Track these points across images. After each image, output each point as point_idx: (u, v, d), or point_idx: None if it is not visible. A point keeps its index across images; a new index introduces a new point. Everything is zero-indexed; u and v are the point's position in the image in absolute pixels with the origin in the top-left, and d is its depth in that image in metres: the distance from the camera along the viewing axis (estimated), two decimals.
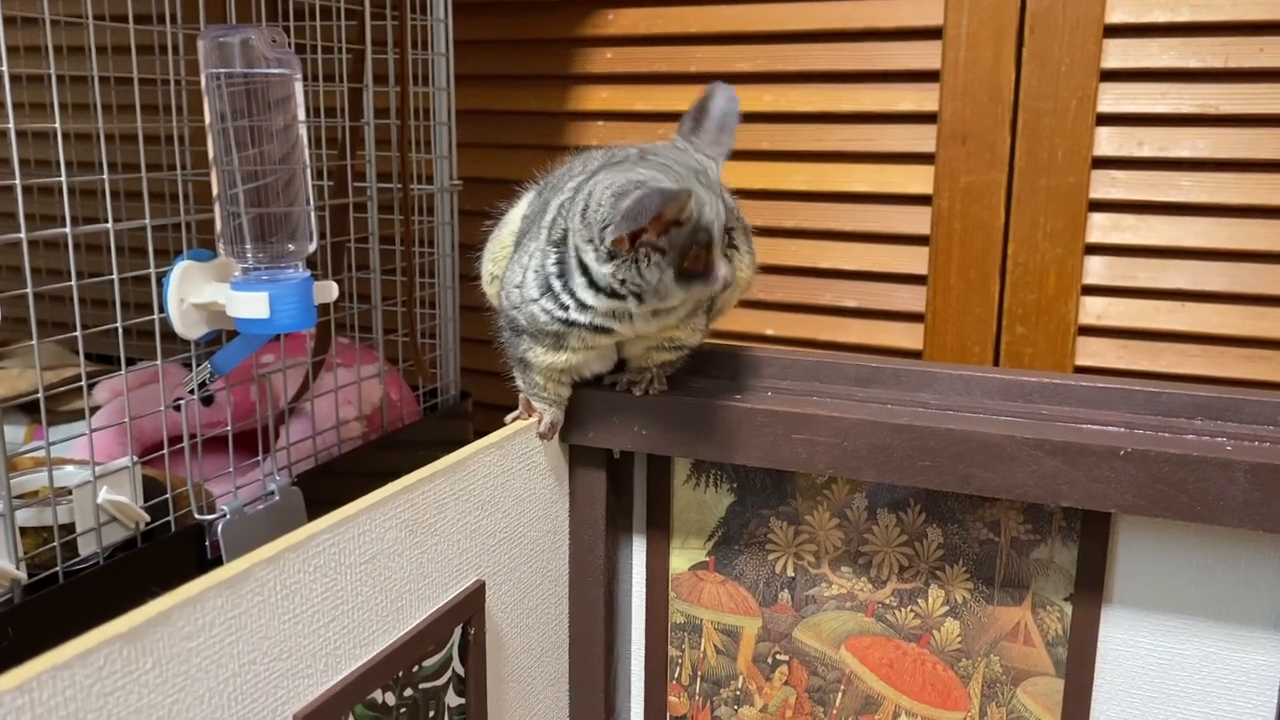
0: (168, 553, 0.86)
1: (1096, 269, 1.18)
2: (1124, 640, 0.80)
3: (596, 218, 0.72)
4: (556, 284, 0.75)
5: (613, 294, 0.74)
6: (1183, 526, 0.76)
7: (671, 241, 0.70)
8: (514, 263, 0.80)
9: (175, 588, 0.54)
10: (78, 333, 0.79)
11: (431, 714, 0.73)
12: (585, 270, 0.74)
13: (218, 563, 0.87)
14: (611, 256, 0.71)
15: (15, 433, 1.16)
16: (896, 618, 0.86)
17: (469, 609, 0.75)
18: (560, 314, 0.76)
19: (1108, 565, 0.79)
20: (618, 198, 0.70)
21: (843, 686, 0.89)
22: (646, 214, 0.67)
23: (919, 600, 0.85)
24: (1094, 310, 1.18)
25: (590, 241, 0.72)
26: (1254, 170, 1.11)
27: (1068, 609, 0.81)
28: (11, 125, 0.73)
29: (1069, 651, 0.81)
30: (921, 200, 1.23)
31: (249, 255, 0.82)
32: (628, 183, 0.71)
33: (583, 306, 0.75)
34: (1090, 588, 0.80)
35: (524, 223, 0.85)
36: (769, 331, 1.32)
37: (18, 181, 0.73)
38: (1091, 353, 1.19)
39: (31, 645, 0.48)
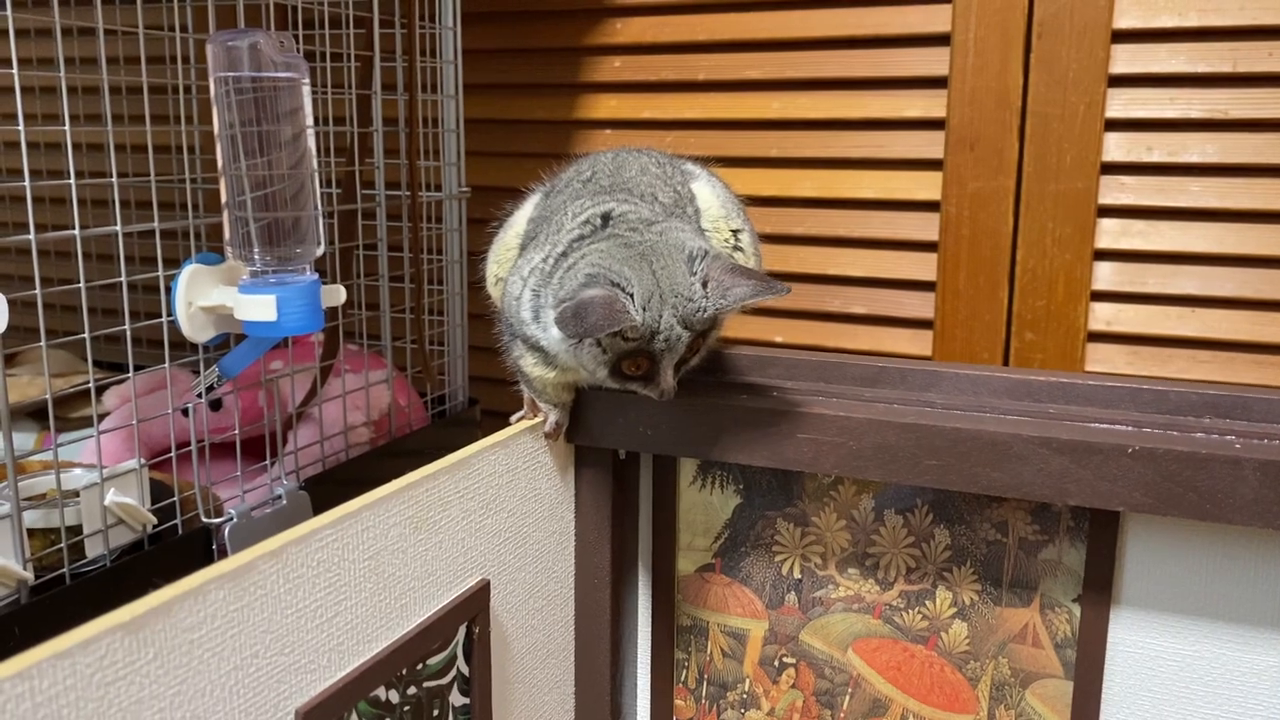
0: (174, 555, 0.86)
1: (1106, 275, 1.17)
2: (1133, 642, 0.79)
3: (562, 290, 0.73)
4: (543, 316, 0.76)
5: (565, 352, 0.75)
6: (1192, 525, 0.76)
7: (611, 344, 0.72)
8: (516, 271, 0.80)
9: None
10: (86, 335, 0.80)
11: (436, 713, 0.73)
12: (546, 328, 0.75)
13: None
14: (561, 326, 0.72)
15: (25, 440, 1.17)
16: (904, 619, 0.86)
17: (473, 608, 0.75)
18: (545, 343, 0.77)
19: (1116, 566, 0.79)
20: (584, 285, 0.71)
21: (850, 689, 0.88)
22: (585, 328, 0.69)
23: (926, 602, 0.85)
24: (1104, 316, 1.18)
25: (554, 309, 0.73)
26: (1263, 175, 1.11)
27: (1076, 610, 0.81)
28: (22, 130, 0.74)
29: (1078, 653, 0.81)
30: (930, 206, 1.23)
31: (256, 259, 0.83)
32: (599, 274, 0.71)
33: (557, 348, 0.76)
34: (1099, 588, 0.79)
35: (530, 225, 0.86)
36: (777, 338, 1.32)
37: (26, 183, 0.74)
38: (1101, 359, 1.18)
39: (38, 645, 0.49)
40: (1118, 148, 1.14)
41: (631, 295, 0.70)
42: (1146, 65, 1.12)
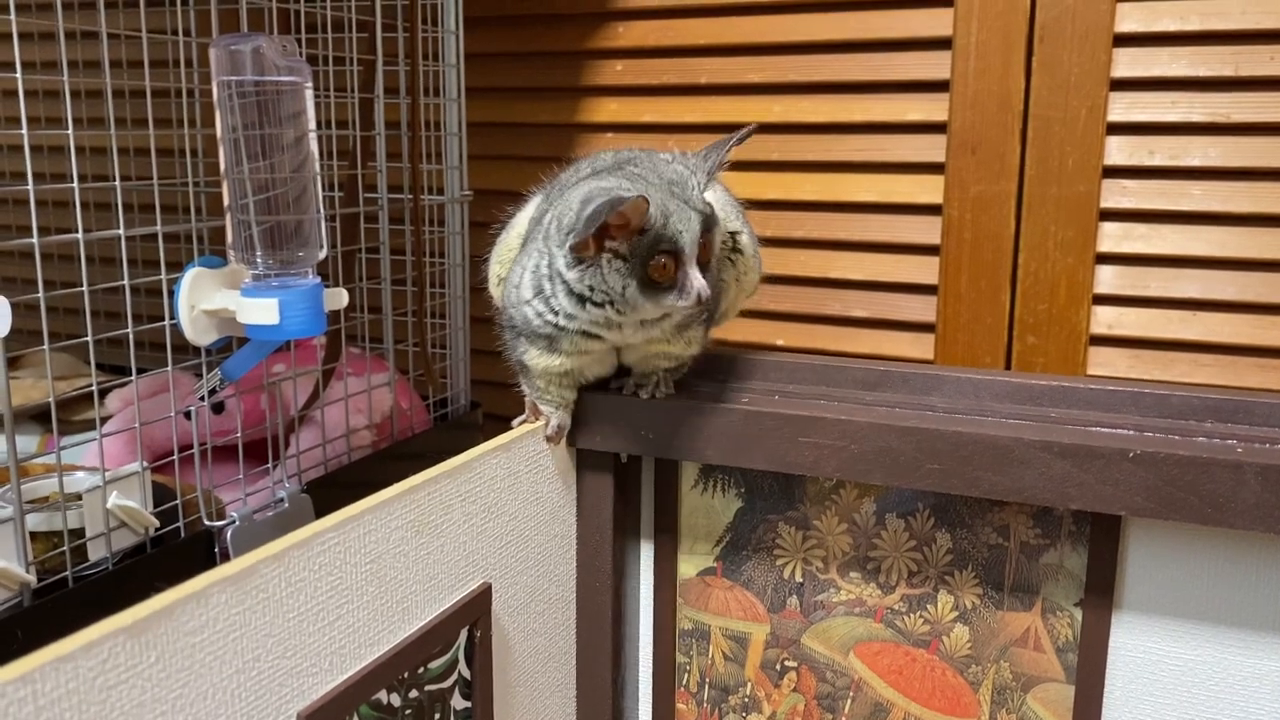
0: (176, 558, 0.86)
1: (1108, 278, 1.17)
2: (1135, 646, 0.79)
3: (565, 223, 0.74)
4: (547, 287, 0.76)
5: (585, 302, 0.75)
6: (1193, 530, 0.76)
7: (633, 249, 0.71)
8: (516, 264, 0.81)
9: None
10: (88, 338, 0.80)
11: (437, 716, 0.73)
12: (561, 277, 0.75)
13: None
14: (579, 262, 0.73)
15: (29, 443, 1.17)
16: (905, 623, 0.86)
17: (475, 611, 0.75)
18: (550, 318, 0.77)
19: (1117, 570, 0.79)
20: (583, 205, 0.72)
21: (852, 693, 0.88)
22: (598, 218, 0.69)
23: (928, 606, 0.85)
24: (1105, 320, 1.18)
25: (560, 247, 0.74)
26: (1265, 179, 1.11)
27: (1078, 614, 0.81)
28: (25, 133, 0.74)
29: (1079, 658, 0.81)
30: (931, 210, 1.23)
31: (259, 262, 0.83)
32: (593, 190, 0.73)
33: (567, 313, 0.76)
34: (1100, 593, 0.79)
35: (530, 225, 0.86)
36: (779, 342, 1.32)
37: (30, 186, 0.74)
38: (1103, 362, 1.18)
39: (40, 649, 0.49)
40: (1119, 151, 1.14)
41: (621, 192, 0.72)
42: (1148, 69, 1.12)
